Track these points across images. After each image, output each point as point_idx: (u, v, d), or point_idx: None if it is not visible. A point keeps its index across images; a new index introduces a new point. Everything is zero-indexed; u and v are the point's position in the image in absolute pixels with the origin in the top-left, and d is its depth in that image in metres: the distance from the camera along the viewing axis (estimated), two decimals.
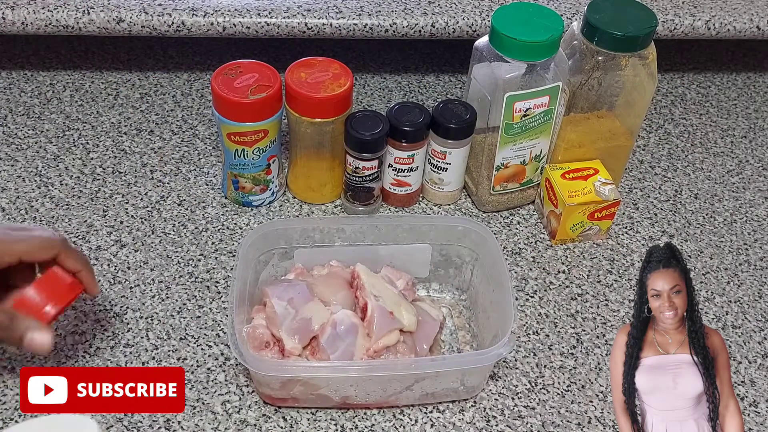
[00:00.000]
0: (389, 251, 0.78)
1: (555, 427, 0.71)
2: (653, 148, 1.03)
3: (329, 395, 0.69)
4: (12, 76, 1.04)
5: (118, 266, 0.81)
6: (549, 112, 0.83)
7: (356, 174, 0.85)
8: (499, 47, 0.79)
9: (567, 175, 0.87)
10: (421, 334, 0.72)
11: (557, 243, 0.88)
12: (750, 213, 0.95)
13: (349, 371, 0.67)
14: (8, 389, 0.69)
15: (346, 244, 0.77)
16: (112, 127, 0.98)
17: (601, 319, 0.81)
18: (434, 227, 0.78)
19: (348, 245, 0.77)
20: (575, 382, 0.75)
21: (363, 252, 0.77)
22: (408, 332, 0.71)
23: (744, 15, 1.03)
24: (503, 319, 0.69)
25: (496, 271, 0.74)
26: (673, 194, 0.96)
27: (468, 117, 0.84)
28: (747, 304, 0.84)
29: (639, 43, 0.79)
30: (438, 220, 0.85)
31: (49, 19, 0.93)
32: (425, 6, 0.99)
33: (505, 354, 0.67)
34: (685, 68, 1.18)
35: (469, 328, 0.78)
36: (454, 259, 0.80)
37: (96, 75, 1.06)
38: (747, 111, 1.11)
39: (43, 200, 0.87)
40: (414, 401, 0.71)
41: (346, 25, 0.96)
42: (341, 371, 0.67)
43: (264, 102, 0.79)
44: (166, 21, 0.94)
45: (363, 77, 1.10)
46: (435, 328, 0.74)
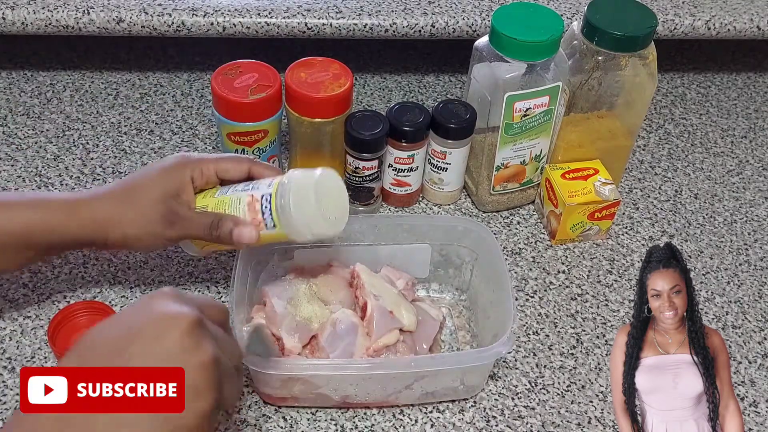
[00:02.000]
0: (389, 251, 0.78)
1: (555, 427, 0.71)
2: (653, 148, 1.03)
3: (329, 394, 0.69)
4: (12, 76, 1.04)
5: (118, 266, 0.81)
6: (549, 112, 0.83)
7: (356, 174, 0.85)
8: (499, 47, 0.79)
9: (567, 175, 0.87)
10: (421, 333, 0.72)
11: (557, 243, 0.88)
12: (750, 213, 0.95)
13: (349, 369, 0.67)
14: (8, 389, 0.69)
15: (346, 244, 0.77)
16: (112, 127, 0.98)
17: (601, 319, 0.81)
18: (434, 227, 0.78)
19: (347, 245, 0.77)
20: (575, 382, 0.75)
21: (362, 252, 0.77)
22: (408, 332, 0.71)
23: (744, 15, 1.03)
24: (503, 319, 0.69)
25: (495, 271, 0.74)
26: (673, 194, 0.96)
27: (468, 117, 0.84)
28: (747, 304, 0.84)
29: (639, 43, 0.79)
30: (438, 220, 0.85)
31: (49, 19, 0.93)
32: (425, 6, 0.99)
33: (504, 353, 0.67)
34: (685, 68, 1.18)
35: (468, 328, 0.78)
36: (454, 259, 0.80)
37: (96, 75, 1.06)
38: (747, 111, 1.11)
39: None
40: (414, 401, 0.71)
41: (346, 25, 0.96)
42: (341, 369, 0.67)
43: (264, 102, 0.79)
44: (166, 21, 0.94)
45: (363, 77, 1.10)
46: (435, 327, 0.74)
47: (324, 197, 0.63)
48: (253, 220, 0.65)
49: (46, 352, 0.72)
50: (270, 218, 0.64)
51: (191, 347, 0.48)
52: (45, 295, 0.77)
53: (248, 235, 0.64)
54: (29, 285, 0.78)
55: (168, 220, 0.66)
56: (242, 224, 0.64)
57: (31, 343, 0.73)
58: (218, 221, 0.65)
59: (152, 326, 0.49)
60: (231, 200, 0.66)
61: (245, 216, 0.65)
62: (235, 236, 0.64)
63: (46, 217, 0.66)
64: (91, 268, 0.80)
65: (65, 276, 0.79)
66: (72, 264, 0.80)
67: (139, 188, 0.67)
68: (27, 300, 0.77)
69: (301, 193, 0.63)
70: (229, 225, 0.64)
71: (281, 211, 0.63)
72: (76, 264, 0.81)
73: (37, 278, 0.79)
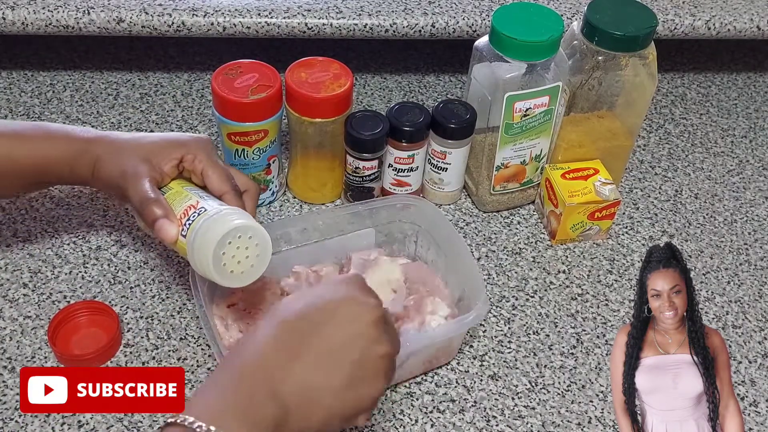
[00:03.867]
0: (335, 243, 0.78)
1: (555, 427, 0.71)
2: (653, 148, 1.03)
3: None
4: (12, 76, 1.04)
5: (118, 266, 0.81)
6: (549, 112, 0.83)
7: (356, 174, 0.85)
8: (499, 47, 0.79)
9: (567, 175, 0.87)
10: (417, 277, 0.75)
11: (557, 243, 0.88)
12: (750, 213, 0.95)
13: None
14: (8, 389, 0.69)
15: (293, 246, 0.77)
16: (112, 127, 0.97)
17: (601, 319, 0.81)
18: (373, 210, 0.79)
19: (294, 247, 0.77)
20: (575, 382, 0.75)
21: (310, 251, 0.77)
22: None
23: (744, 15, 1.03)
24: (465, 280, 0.71)
25: (443, 237, 0.75)
26: (673, 194, 0.96)
27: (468, 117, 0.84)
28: (747, 304, 0.84)
29: (639, 43, 0.79)
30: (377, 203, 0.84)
31: (49, 19, 0.93)
32: (425, 6, 0.99)
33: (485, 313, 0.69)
34: (685, 68, 1.18)
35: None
36: (397, 235, 0.81)
37: (96, 75, 1.06)
38: (747, 111, 1.11)
39: (43, 200, 0.87)
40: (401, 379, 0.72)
41: (346, 25, 0.96)
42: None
43: (264, 102, 0.79)
44: (166, 21, 0.94)
45: (363, 77, 1.10)
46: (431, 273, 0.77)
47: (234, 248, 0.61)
48: (179, 220, 0.64)
49: (46, 352, 0.72)
50: (186, 228, 0.63)
51: (377, 337, 0.52)
52: (45, 295, 0.77)
53: (167, 232, 0.63)
54: (29, 285, 0.78)
55: (124, 172, 0.66)
56: (170, 219, 0.64)
57: (31, 343, 0.73)
58: (151, 201, 0.64)
59: (347, 309, 0.52)
60: (185, 196, 0.66)
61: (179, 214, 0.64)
62: (157, 226, 0.63)
63: (64, 153, 0.68)
64: (91, 268, 0.80)
65: (65, 276, 0.79)
66: (72, 264, 0.81)
67: (136, 141, 0.69)
68: (27, 300, 0.77)
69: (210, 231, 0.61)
70: (157, 213, 0.64)
71: (194, 232, 0.62)
72: (76, 264, 0.81)
73: (37, 278, 0.79)
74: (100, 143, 0.69)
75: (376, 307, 0.53)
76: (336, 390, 0.50)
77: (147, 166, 0.67)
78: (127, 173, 0.66)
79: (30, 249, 0.82)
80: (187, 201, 0.66)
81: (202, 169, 0.69)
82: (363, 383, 0.51)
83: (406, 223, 0.80)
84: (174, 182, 0.69)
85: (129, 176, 0.66)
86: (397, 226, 0.80)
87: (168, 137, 0.70)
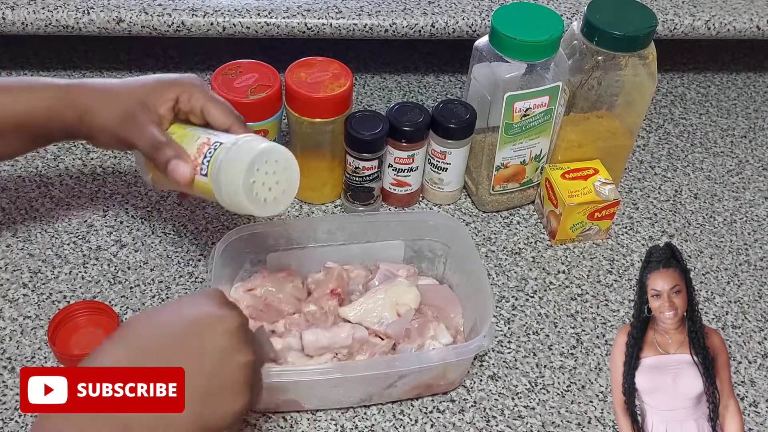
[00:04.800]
0: (361, 250, 0.78)
1: (555, 427, 0.71)
2: (653, 148, 1.03)
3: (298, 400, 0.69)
4: (12, 76, 1.04)
5: (118, 266, 0.81)
6: (549, 112, 0.83)
7: (356, 174, 0.85)
8: (499, 47, 0.79)
9: (567, 175, 0.87)
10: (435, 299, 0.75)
11: (557, 243, 0.88)
12: (750, 213, 0.95)
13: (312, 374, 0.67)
14: (8, 389, 0.69)
15: (318, 245, 0.77)
16: None
17: (601, 319, 0.81)
18: (403, 223, 0.79)
19: (320, 246, 0.77)
20: (575, 382, 0.75)
21: (335, 252, 0.77)
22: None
23: (744, 15, 1.03)
24: (480, 309, 0.70)
25: (468, 262, 0.75)
26: (673, 194, 0.96)
27: (468, 117, 0.84)
28: (747, 304, 0.84)
29: (639, 43, 0.80)
30: (407, 216, 0.84)
31: (49, 19, 0.93)
32: (425, 6, 0.99)
33: (486, 346, 0.67)
34: (685, 68, 1.18)
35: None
36: (426, 254, 0.80)
37: (96, 75, 1.06)
38: (747, 111, 1.11)
39: (43, 200, 0.87)
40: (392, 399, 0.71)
41: (346, 25, 0.96)
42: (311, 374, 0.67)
43: (264, 102, 0.79)
44: (166, 21, 0.94)
45: (363, 77, 1.10)
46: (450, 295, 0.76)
47: (263, 174, 0.61)
48: (194, 160, 0.63)
49: (46, 352, 0.72)
50: (206, 166, 0.62)
51: (236, 348, 0.51)
52: (45, 295, 0.77)
53: (182, 172, 0.63)
54: (29, 285, 0.78)
55: (124, 119, 0.65)
56: (184, 159, 0.63)
57: (31, 343, 0.73)
58: (163, 144, 0.63)
59: (203, 323, 0.51)
60: (192, 136, 0.65)
61: (192, 154, 0.64)
62: (171, 166, 0.63)
63: (46, 101, 0.67)
64: (91, 268, 0.80)
65: (65, 276, 0.79)
66: (72, 264, 0.81)
67: (126, 86, 0.68)
68: (27, 300, 0.77)
69: (236, 160, 0.60)
70: (170, 153, 0.63)
71: (216, 165, 0.61)
72: (76, 264, 0.81)
73: (37, 278, 0.79)
74: (83, 91, 0.67)
75: (233, 317, 0.52)
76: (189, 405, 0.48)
77: (146, 110, 0.65)
78: (128, 120, 0.65)
79: (30, 249, 0.82)
80: (196, 140, 0.64)
81: (201, 106, 0.66)
82: (221, 396, 0.49)
83: (436, 242, 0.79)
84: (173, 126, 0.67)
85: (130, 123, 0.65)
86: (426, 244, 0.79)
87: (159, 78, 0.68)
